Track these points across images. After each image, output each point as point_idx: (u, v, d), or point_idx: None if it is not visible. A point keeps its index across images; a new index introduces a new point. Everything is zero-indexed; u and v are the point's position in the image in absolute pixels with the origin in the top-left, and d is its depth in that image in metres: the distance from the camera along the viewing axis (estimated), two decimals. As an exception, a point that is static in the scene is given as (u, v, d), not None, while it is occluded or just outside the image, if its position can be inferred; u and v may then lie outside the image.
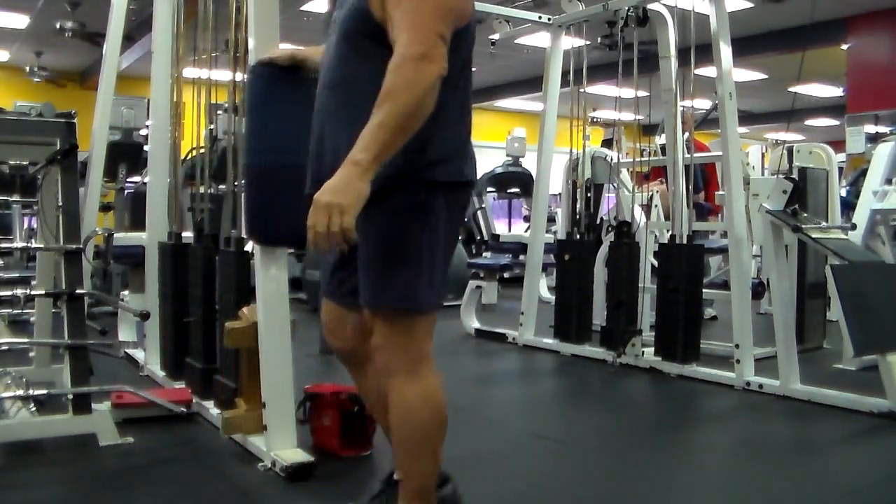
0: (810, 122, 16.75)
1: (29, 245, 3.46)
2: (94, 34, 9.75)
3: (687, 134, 4.56)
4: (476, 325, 5.54)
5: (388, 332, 1.80)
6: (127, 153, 6.29)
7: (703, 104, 6.31)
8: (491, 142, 11.09)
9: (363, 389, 2.11)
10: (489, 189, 8.94)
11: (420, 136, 1.66)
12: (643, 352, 4.41)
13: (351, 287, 1.88)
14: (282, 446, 2.60)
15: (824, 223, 4.34)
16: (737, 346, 3.97)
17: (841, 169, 7.09)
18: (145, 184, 4.46)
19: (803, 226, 3.74)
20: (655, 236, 5.10)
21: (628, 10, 4.40)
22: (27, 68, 12.85)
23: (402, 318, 1.79)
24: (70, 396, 2.79)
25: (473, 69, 1.97)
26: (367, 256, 1.80)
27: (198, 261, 3.34)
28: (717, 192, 5.88)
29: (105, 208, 6.79)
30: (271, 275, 2.68)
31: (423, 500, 1.84)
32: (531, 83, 12.86)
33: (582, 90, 5.03)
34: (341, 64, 1.85)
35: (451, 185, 1.81)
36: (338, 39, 1.86)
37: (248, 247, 2.91)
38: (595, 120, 8.30)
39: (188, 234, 3.62)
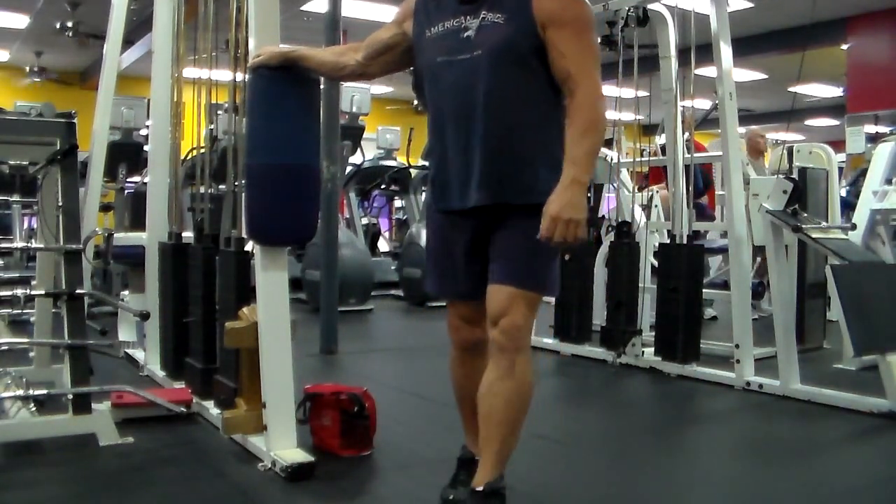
0: (810, 122, 16.77)
1: (29, 245, 3.46)
2: (94, 34, 9.75)
3: (687, 134, 4.56)
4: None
5: (528, 314, 2.09)
6: (127, 153, 6.28)
7: (703, 104, 6.31)
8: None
9: (474, 378, 2.21)
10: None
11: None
12: (643, 352, 4.41)
13: (478, 284, 2.15)
14: (282, 446, 2.60)
15: (824, 223, 4.34)
16: (737, 346, 3.96)
17: (841, 169, 7.09)
18: (145, 184, 4.46)
19: (803, 226, 3.74)
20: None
21: (628, 10, 4.40)
22: (27, 68, 12.86)
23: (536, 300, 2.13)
24: (70, 396, 2.79)
25: None
26: (524, 251, 2.11)
27: (198, 261, 3.34)
28: (717, 193, 5.90)
29: (105, 208, 6.78)
30: (271, 275, 2.68)
31: (504, 466, 2.11)
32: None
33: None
34: (507, 84, 2.01)
35: None
36: (495, 61, 2.00)
37: (248, 247, 2.91)
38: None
39: (188, 234, 3.62)
